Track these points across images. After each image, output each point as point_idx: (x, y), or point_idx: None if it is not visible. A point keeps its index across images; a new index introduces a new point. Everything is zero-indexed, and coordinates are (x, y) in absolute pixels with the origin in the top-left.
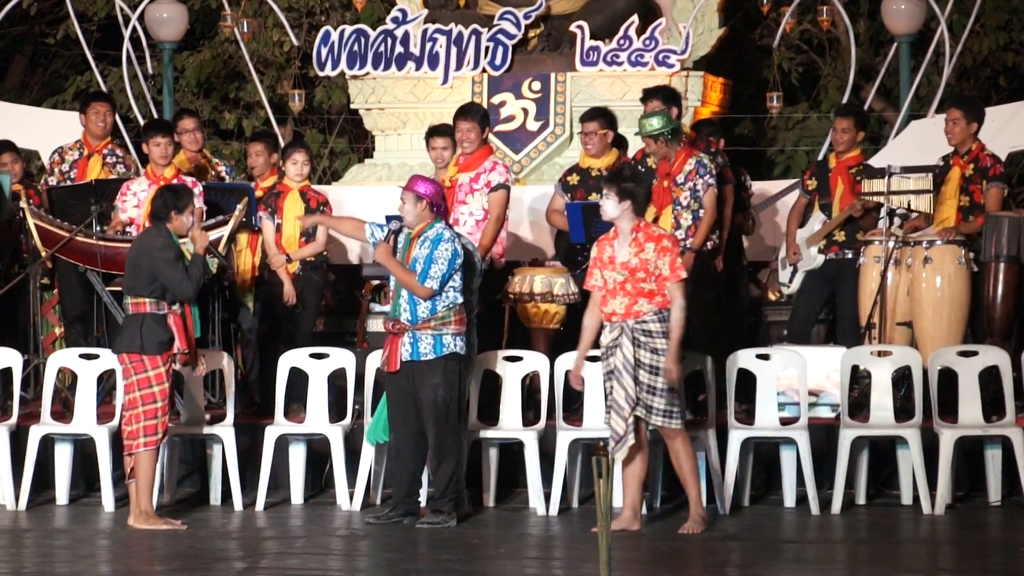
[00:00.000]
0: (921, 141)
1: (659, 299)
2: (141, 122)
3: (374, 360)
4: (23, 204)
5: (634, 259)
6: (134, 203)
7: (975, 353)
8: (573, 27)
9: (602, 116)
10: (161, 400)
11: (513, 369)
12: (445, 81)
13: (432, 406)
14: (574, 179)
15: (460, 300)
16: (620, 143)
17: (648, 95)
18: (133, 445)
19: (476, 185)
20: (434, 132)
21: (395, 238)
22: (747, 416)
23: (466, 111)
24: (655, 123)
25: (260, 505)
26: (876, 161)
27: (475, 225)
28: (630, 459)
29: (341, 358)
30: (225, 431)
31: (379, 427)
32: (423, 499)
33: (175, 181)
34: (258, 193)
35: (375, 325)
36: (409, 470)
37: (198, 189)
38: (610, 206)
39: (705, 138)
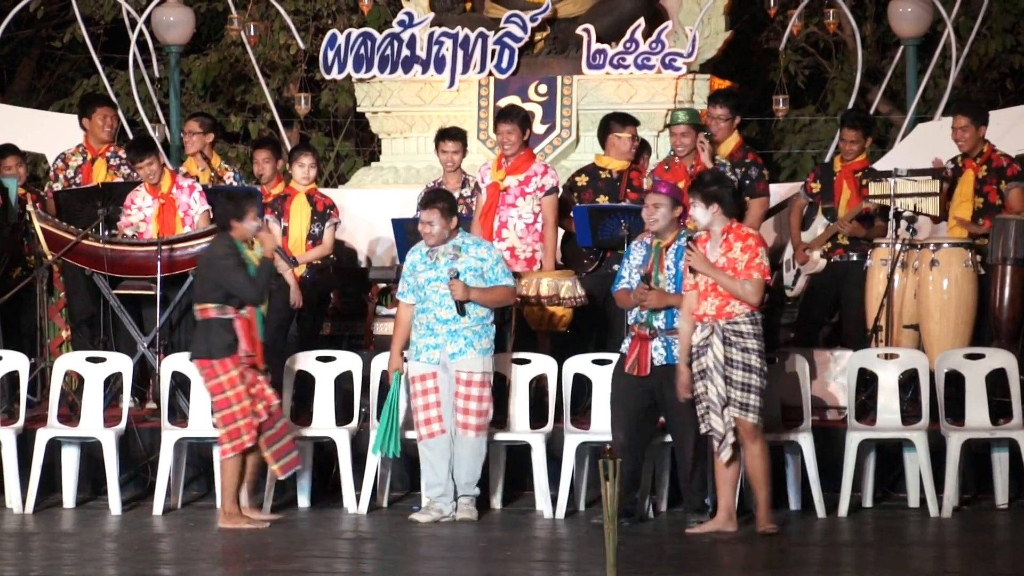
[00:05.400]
0: (928, 144)
1: None
2: (148, 125)
3: (380, 363)
4: (29, 207)
5: (722, 259)
6: (140, 217)
7: (982, 356)
8: (579, 30)
9: (633, 123)
10: (237, 403)
11: (521, 372)
12: (451, 84)
13: (689, 407)
14: (583, 180)
15: None
16: (643, 146)
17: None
18: (221, 451)
19: (527, 188)
20: (444, 135)
21: None
22: None
23: (507, 113)
24: (688, 115)
25: (267, 508)
26: (882, 164)
27: (525, 228)
28: (726, 460)
29: (348, 361)
30: None
31: (389, 438)
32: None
33: (174, 190)
34: (266, 200)
35: (382, 328)
36: (632, 471)
37: (198, 191)
38: (699, 213)
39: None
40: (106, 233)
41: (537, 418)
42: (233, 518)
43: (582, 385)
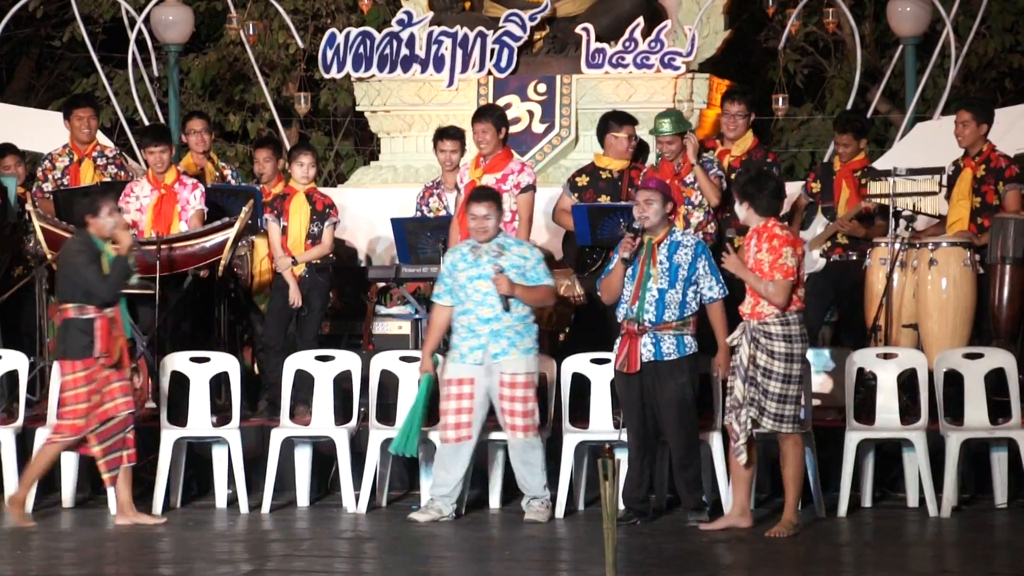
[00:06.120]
0: (927, 143)
1: None
2: (147, 124)
3: (379, 362)
4: (29, 207)
5: (751, 259)
6: (136, 206)
7: (981, 355)
8: (578, 29)
9: (631, 122)
10: (74, 403)
11: None
12: (451, 83)
13: (680, 404)
14: (583, 180)
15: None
16: (642, 147)
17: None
18: (46, 439)
19: (504, 186)
20: (442, 134)
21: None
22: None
23: (481, 113)
24: (672, 125)
25: (266, 507)
26: (882, 163)
27: (502, 226)
28: (740, 461)
29: (347, 360)
30: (231, 433)
31: (408, 439)
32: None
33: (176, 184)
34: (266, 199)
35: (381, 327)
36: (641, 471)
37: (200, 191)
38: (738, 210)
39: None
40: None
41: None
42: (16, 508)
43: (582, 385)
